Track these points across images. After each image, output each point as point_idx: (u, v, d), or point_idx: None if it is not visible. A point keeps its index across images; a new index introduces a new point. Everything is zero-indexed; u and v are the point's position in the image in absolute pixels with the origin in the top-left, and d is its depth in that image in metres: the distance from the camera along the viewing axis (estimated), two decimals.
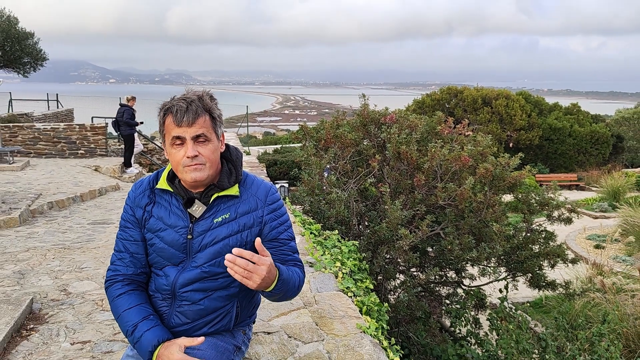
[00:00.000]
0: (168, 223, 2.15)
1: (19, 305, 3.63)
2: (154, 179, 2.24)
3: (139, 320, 2.08)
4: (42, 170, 12.31)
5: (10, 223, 6.93)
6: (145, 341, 2.03)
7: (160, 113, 2.07)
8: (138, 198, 2.22)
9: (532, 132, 27.35)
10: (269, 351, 2.80)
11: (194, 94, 2.06)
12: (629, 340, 6.11)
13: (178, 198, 2.16)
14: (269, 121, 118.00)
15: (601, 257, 9.97)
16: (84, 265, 4.99)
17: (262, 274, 1.86)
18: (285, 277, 2.03)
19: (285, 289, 2.06)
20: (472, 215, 6.05)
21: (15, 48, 20.27)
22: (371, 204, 6.77)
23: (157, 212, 2.18)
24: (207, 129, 2.04)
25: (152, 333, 2.04)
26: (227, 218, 2.14)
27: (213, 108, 2.07)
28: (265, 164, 17.66)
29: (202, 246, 2.13)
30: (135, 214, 2.21)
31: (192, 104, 2.01)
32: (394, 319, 5.58)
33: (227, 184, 2.15)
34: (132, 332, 2.06)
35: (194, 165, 2.01)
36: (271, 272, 1.91)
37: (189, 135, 2.00)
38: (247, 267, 1.84)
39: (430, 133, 7.05)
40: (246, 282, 1.87)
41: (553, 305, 7.99)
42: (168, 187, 2.16)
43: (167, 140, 2.06)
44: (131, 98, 13.95)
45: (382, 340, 3.33)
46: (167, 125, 2.03)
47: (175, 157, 2.04)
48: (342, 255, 4.66)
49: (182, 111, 1.99)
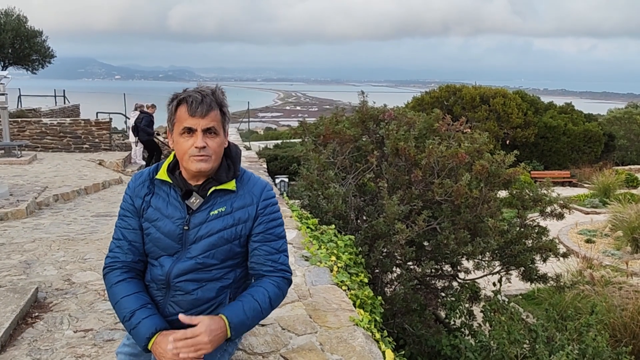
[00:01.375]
0: (165, 213, 2.18)
1: (24, 294, 3.74)
2: (154, 170, 2.27)
3: (137, 307, 2.10)
4: (49, 163, 12.44)
5: (18, 214, 7.07)
6: (143, 328, 2.05)
7: (173, 102, 2.09)
8: (138, 188, 2.25)
9: (528, 130, 27.54)
10: (263, 342, 2.83)
11: (208, 88, 2.11)
12: (615, 331, 6.25)
13: (176, 190, 2.19)
14: (271, 117, 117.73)
15: (592, 251, 10.12)
16: (87, 256, 5.10)
17: (204, 340, 1.93)
18: (238, 320, 2.07)
19: (248, 324, 2.12)
20: (468, 210, 6.13)
21: (25, 46, 20.45)
22: (369, 199, 6.84)
23: (156, 203, 2.21)
24: (217, 123, 2.09)
25: (150, 321, 2.07)
26: (223, 211, 2.18)
27: (224, 104, 2.13)
28: (266, 159, 17.74)
29: (198, 238, 2.16)
30: (134, 204, 2.24)
31: (206, 97, 2.05)
32: (390, 310, 5.66)
33: (224, 178, 2.18)
34: (130, 319, 2.08)
35: (201, 156, 2.05)
36: (215, 329, 1.98)
37: (201, 127, 2.04)
38: (188, 344, 1.93)
39: (428, 130, 7.12)
40: (200, 352, 1.94)
41: (544, 298, 8.08)
42: (167, 178, 2.19)
43: (177, 129, 2.08)
44: (151, 105, 14.18)
45: (375, 333, 3.35)
46: (180, 115, 2.07)
47: (183, 146, 2.07)
48: (337, 249, 4.70)
49: (197, 102, 2.03)
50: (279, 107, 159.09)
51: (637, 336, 6.24)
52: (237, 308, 2.10)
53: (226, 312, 2.08)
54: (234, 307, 2.11)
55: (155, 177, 2.24)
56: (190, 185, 2.18)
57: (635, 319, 6.30)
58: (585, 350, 4.75)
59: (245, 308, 2.11)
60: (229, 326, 2.04)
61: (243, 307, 2.11)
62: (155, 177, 2.23)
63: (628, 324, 6.32)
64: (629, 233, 11.71)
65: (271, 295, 2.19)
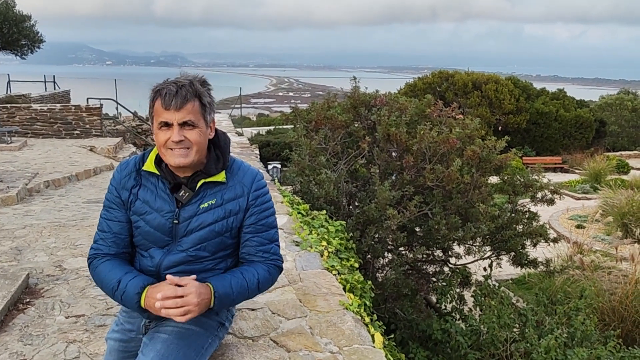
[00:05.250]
0: (154, 207, 2.14)
1: (15, 280, 3.74)
2: (139, 160, 2.21)
3: (122, 274, 2.08)
4: (39, 150, 12.37)
5: (8, 201, 7.04)
6: (131, 288, 2.04)
7: (151, 95, 2.03)
8: (124, 180, 2.18)
9: (520, 116, 27.68)
10: (253, 327, 2.84)
11: (186, 79, 2.02)
12: (604, 314, 6.35)
13: (164, 182, 2.14)
14: (263, 103, 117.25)
15: (582, 236, 10.22)
16: (79, 242, 5.10)
17: (194, 301, 1.94)
18: (224, 291, 2.07)
19: (232, 298, 2.12)
20: (459, 196, 6.16)
21: (13, 30, 20.21)
22: (361, 185, 6.86)
23: (143, 195, 2.16)
24: (195, 115, 2.00)
25: (137, 280, 2.06)
26: (214, 204, 2.14)
27: (203, 94, 2.03)
28: (258, 145, 17.70)
29: (188, 231, 2.13)
30: (120, 196, 2.18)
31: (182, 88, 1.97)
32: (382, 295, 5.70)
33: (214, 170, 2.14)
34: (118, 286, 2.06)
35: (179, 149, 2.00)
36: (203, 292, 1.99)
37: (176, 120, 1.97)
38: (177, 304, 1.93)
39: (420, 115, 7.12)
40: (187, 316, 1.94)
41: (534, 282, 8.19)
42: (155, 170, 2.14)
43: (155, 122, 2.02)
44: None
45: (365, 317, 3.35)
46: (157, 108, 2.00)
47: (161, 140, 2.01)
48: (328, 234, 4.70)
49: (171, 95, 1.95)
50: (272, 93, 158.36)
51: (625, 320, 6.34)
52: (224, 280, 2.11)
53: (213, 281, 2.09)
54: (222, 279, 2.11)
55: (142, 168, 2.18)
56: (178, 178, 2.13)
57: (623, 303, 6.39)
58: (574, 334, 4.82)
59: (233, 283, 2.11)
60: (213, 294, 2.04)
61: (231, 281, 2.11)
62: (142, 168, 2.18)
63: (616, 308, 6.41)
64: (619, 218, 11.84)
65: (260, 278, 2.19)
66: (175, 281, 1.98)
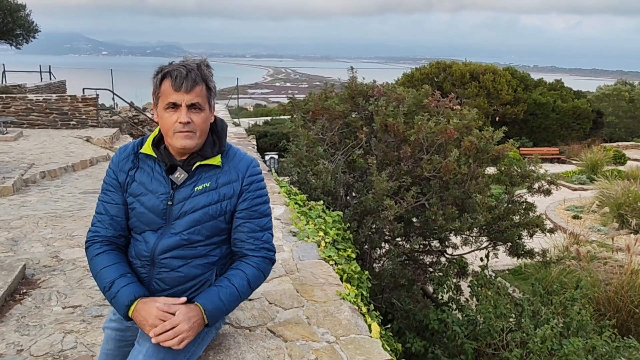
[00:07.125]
0: (149, 188, 2.17)
1: (12, 270, 3.74)
2: (138, 144, 2.24)
3: (116, 277, 2.10)
4: (35, 140, 12.31)
5: (4, 192, 7.02)
6: (122, 296, 2.06)
7: (158, 76, 2.06)
8: (122, 163, 2.22)
9: (517, 106, 27.69)
10: (250, 317, 2.84)
11: (194, 62, 2.06)
12: (599, 305, 6.39)
13: (161, 164, 2.17)
14: (260, 93, 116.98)
15: (579, 227, 10.26)
16: (75, 233, 5.08)
17: (185, 327, 1.96)
18: (213, 307, 2.09)
19: (225, 309, 2.14)
20: (456, 186, 6.16)
21: (8, 20, 20.08)
22: (358, 175, 6.85)
23: (140, 177, 2.19)
24: (202, 98, 2.05)
25: (129, 289, 2.08)
26: (208, 187, 2.16)
27: (209, 78, 2.09)
28: (256, 136, 17.67)
29: (182, 213, 2.15)
30: (118, 178, 2.22)
31: (191, 71, 2.02)
32: (379, 286, 5.71)
33: (209, 153, 2.16)
34: (110, 288, 2.09)
35: (185, 132, 2.03)
36: (193, 316, 2.01)
37: (185, 102, 2.01)
38: (170, 336, 1.95)
39: (418, 106, 7.10)
40: (184, 343, 1.96)
41: (531, 273, 8.22)
42: (152, 153, 2.17)
43: (161, 104, 2.06)
44: None
45: (361, 307, 3.36)
46: (164, 89, 2.04)
47: (167, 122, 2.05)
48: (325, 225, 4.70)
49: (182, 77, 2.00)
50: (269, 84, 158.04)
51: (621, 310, 6.37)
52: (212, 295, 2.12)
53: (200, 299, 2.10)
54: (209, 293, 2.12)
55: (140, 151, 2.21)
56: (175, 160, 2.16)
57: (619, 294, 6.43)
58: (570, 324, 4.84)
59: (221, 294, 2.13)
60: (204, 313, 2.06)
61: (219, 293, 2.12)
62: (140, 151, 2.21)
63: (612, 298, 6.45)
64: (616, 209, 11.88)
65: (250, 278, 2.20)
66: (164, 309, 2.00)
